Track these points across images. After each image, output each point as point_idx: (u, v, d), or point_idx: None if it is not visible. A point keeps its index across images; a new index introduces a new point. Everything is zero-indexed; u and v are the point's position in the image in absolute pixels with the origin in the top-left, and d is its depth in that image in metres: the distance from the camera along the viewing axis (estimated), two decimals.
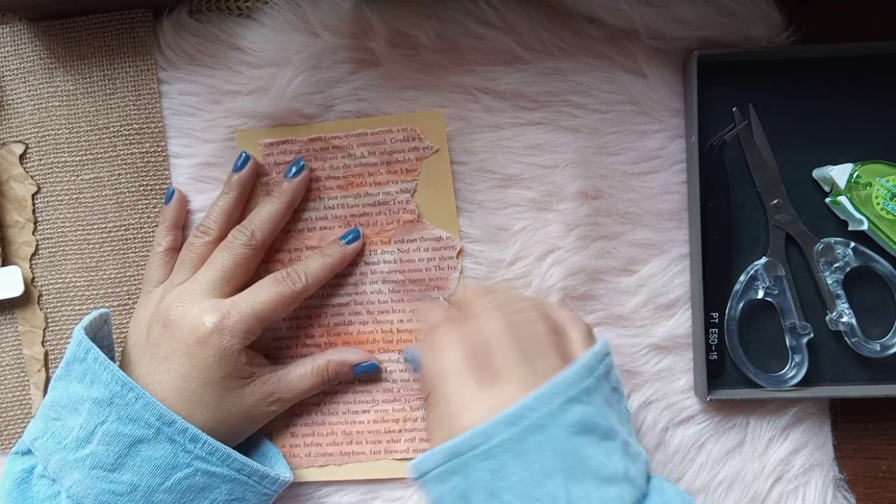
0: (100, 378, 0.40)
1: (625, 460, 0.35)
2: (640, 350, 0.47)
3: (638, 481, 0.35)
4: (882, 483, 0.47)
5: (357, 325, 0.48)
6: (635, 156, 0.47)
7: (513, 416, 0.34)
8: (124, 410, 0.39)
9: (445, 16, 0.46)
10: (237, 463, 0.41)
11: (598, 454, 0.34)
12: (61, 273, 0.48)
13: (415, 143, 0.47)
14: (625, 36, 0.46)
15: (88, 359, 0.41)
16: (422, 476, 0.36)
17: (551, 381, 0.35)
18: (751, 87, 0.46)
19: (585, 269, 0.46)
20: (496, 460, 0.34)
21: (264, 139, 0.47)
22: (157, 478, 0.39)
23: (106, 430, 0.39)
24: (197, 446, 0.40)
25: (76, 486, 0.39)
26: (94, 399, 0.40)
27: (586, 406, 0.35)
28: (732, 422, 0.47)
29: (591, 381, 0.36)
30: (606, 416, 0.36)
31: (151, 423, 0.39)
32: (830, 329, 0.45)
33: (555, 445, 0.34)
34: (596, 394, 0.36)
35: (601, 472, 0.34)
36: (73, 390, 0.41)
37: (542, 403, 0.34)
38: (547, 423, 0.34)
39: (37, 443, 0.41)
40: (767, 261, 0.46)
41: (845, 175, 0.44)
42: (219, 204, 0.46)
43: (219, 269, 0.44)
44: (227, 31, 0.47)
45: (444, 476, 0.35)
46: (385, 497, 0.47)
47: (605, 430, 0.35)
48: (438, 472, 0.35)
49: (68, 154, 0.48)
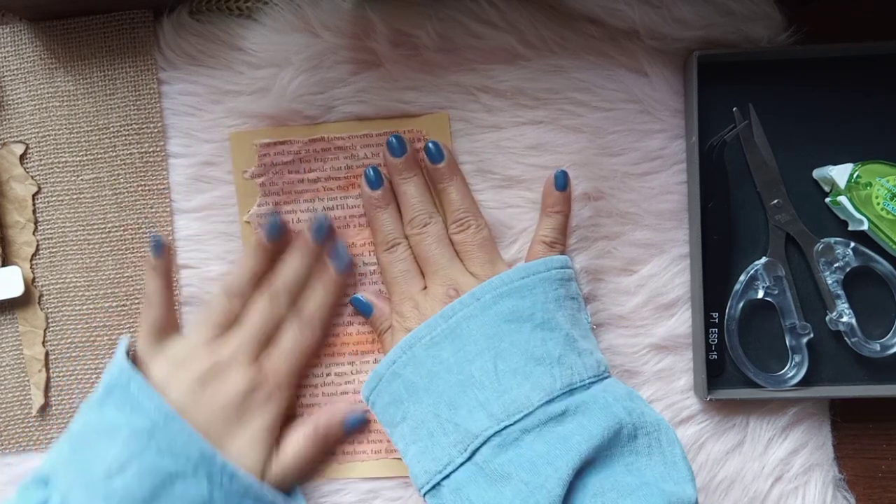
0: (142, 407, 0.40)
1: (562, 348, 0.39)
2: (640, 350, 0.47)
3: (577, 368, 0.39)
4: (882, 483, 0.47)
5: (356, 325, 0.48)
6: (637, 156, 0.47)
7: (449, 310, 0.41)
8: (165, 442, 0.39)
9: (446, 15, 0.46)
10: (267, 498, 0.41)
11: (532, 338, 0.39)
12: (62, 273, 0.48)
13: (419, 144, 0.47)
14: (625, 36, 0.46)
15: (131, 387, 0.40)
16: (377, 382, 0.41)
17: (486, 281, 0.41)
18: (751, 87, 0.46)
19: (586, 269, 0.46)
20: (437, 347, 0.40)
21: (260, 140, 0.47)
22: None
23: (142, 462, 0.38)
24: (233, 483, 0.40)
25: None
26: (133, 429, 0.39)
27: (520, 300, 0.40)
28: (732, 422, 0.47)
29: (531, 280, 0.41)
30: (548, 311, 0.40)
31: (191, 458, 0.39)
32: (830, 329, 0.46)
33: (484, 330, 0.40)
34: (536, 291, 0.41)
35: (532, 352, 0.39)
36: (109, 417, 0.40)
37: (474, 298, 0.41)
38: (477, 313, 0.40)
39: (59, 471, 0.40)
40: (767, 261, 0.46)
41: (845, 175, 0.44)
42: (249, 266, 0.46)
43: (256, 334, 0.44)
44: (228, 31, 0.47)
45: (397, 371, 0.41)
46: (385, 497, 0.47)
47: (543, 320, 0.40)
48: (393, 370, 0.41)
49: (68, 154, 0.48)
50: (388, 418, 0.42)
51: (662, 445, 0.39)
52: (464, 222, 0.44)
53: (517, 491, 0.36)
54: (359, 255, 0.47)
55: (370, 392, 0.43)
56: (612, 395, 0.39)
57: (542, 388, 0.38)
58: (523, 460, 0.37)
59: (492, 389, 0.38)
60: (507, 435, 0.37)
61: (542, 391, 0.38)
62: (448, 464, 0.39)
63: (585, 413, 0.38)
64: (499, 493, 0.36)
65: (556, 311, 0.41)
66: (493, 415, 0.38)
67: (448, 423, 0.39)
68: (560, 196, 0.45)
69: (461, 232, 0.44)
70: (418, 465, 0.40)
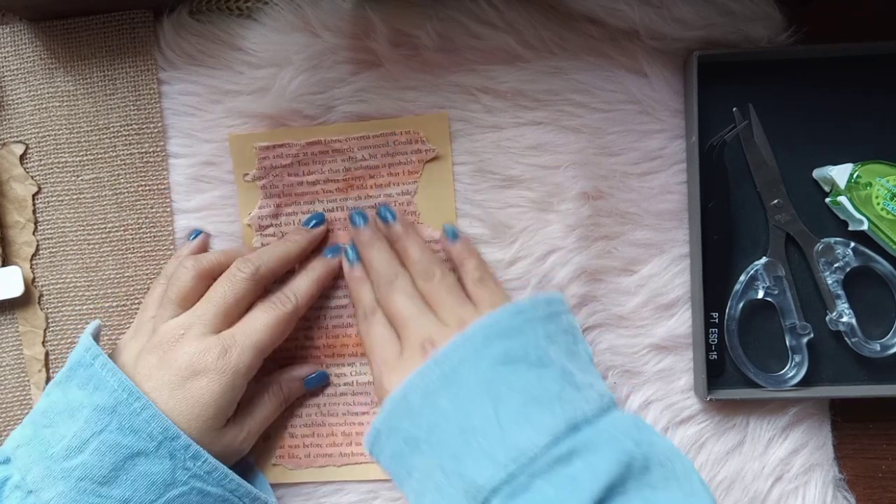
0: (105, 385, 0.39)
1: (559, 384, 0.38)
2: (640, 350, 0.47)
3: (577, 403, 0.38)
4: (882, 483, 0.47)
5: (355, 327, 0.48)
6: (636, 156, 0.47)
7: (442, 355, 0.39)
8: (127, 420, 0.38)
9: (446, 16, 0.46)
10: (233, 483, 0.41)
11: (528, 378, 0.38)
12: (62, 273, 0.48)
13: (417, 145, 0.47)
14: (625, 36, 0.46)
15: (96, 365, 0.40)
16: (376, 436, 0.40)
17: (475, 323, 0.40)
18: (751, 87, 0.46)
19: (586, 269, 0.46)
20: (433, 396, 0.38)
21: (259, 142, 0.47)
22: (150, 494, 0.38)
23: (103, 440, 0.38)
24: (197, 464, 0.39)
25: (58, 498, 0.37)
26: (95, 406, 0.38)
27: (512, 341, 0.39)
28: (732, 422, 0.47)
29: (519, 321, 0.40)
30: (540, 348, 0.39)
31: (154, 436, 0.38)
32: (830, 329, 0.46)
33: (479, 375, 0.38)
34: (526, 331, 0.40)
35: (529, 392, 0.38)
36: (71, 396, 0.39)
37: (465, 340, 0.39)
38: (470, 356, 0.39)
39: (19, 451, 0.39)
40: (767, 261, 0.46)
41: (845, 175, 0.44)
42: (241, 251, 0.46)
43: (219, 301, 0.42)
44: (228, 31, 0.47)
45: (395, 425, 0.39)
46: (385, 497, 0.47)
47: (537, 359, 0.39)
48: (390, 424, 0.39)
49: (68, 154, 0.48)
50: (395, 472, 0.41)
51: (678, 475, 0.37)
52: (428, 271, 0.44)
53: None
54: None
55: (371, 447, 0.41)
56: (618, 428, 0.37)
57: (544, 428, 0.36)
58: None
59: (494, 437, 0.36)
60: (516, 483, 0.35)
61: (545, 432, 0.36)
62: None
63: (592, 450, 0.36)
64: None
65: (548, 346, 0.40)
66: (499, 462, 0.36)
67: (454, 475, 0.37)
68: (460, 246, 0.45)
69: (428, 282, 0.44)
70: None
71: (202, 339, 0.41)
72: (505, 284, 0.47)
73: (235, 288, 0.43)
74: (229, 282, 0.43)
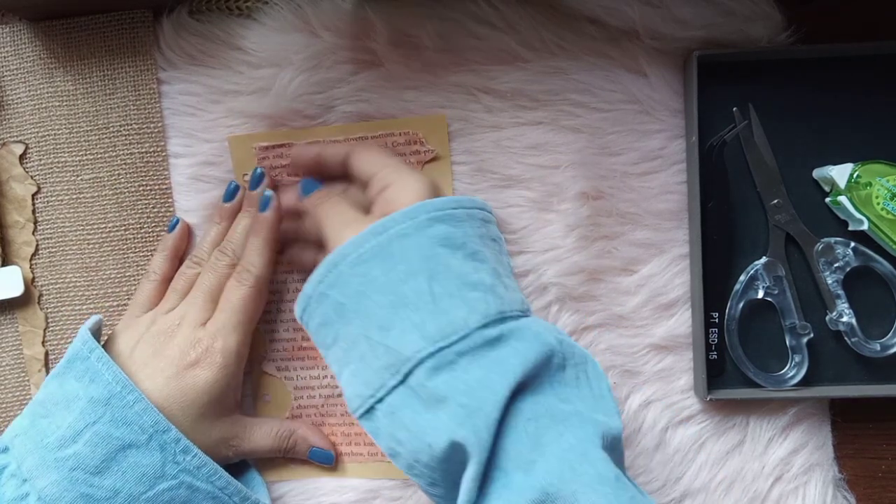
0: (100, 377, 0.40)
1: (493, 279, 0.39)
2: (640, 350, 0.47)
3: (507, 299, 0.38)
4: (882, 483, 0.47)
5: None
6: (636, 156, 0.47)
7: (380, 226, 0.38)
8: (120, 412, 0.39)
9: (446, 16, 0.46)
10: (222, 481, 0.41)
11: (464, 265, 0.38)
12: (61, 273, 0.48)
13: (416, 146, 0.47)
14: (625, 36, 0.46)
15: (92, 357, 0.40)
16: (306, 303, 0.40)
17: (418, 203, 0.39)
18: (751, 87, 0.46)
19: (586, 269, 0.46)
20: (365, 266, 0.38)
21: (259, 143, 0.47)
22: (140, 486, 0.39)
23: (96, 431, 0.39)
24: (186, 459, 0.40)
25: (51, 487, 0.38)
26: (90, 398, 0.39)
27: (453, 228, 0.39)
28: (732, 422, 0.47)
29: (461, 213, 0.40)
30: (477, 244, 0.40)
31: (145, 429, 0.39)
32: (830, 329, 0.45)
33: (419, 251, 0.38)
34: (465, 224, 0.40)
35: (466, 277, 0.38)
36: (68, 388, 0.40)
37: (406, 217, 0.39)
38: (411, 232, 0.38)
39: (16, 440, 0.40)
40: (767, 261, 0.46)
41: (845, 175, 0.44)
42: (211, 234, 0.47)
43: (204, 291, 0.44)
44: (228, 31, 0.47)
45: (324, 292, 0.39)
46: (385, 497, 0.47)
47: (474, 251, 0.39)
48: (320, 291, 0.39)
49: (68, 154, 0.48)
50: (321, 340, 0.40)
51: (590, 378, 0.38)
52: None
53: (453, 414, 0.35)
54: None
55: (301, 313, 0.41)
56: (541, 325, 0.38)
57: (477, 311, 0.37)
58: (459, 383, 0.35)
59: (427, 311, 0.37)
60: (442, 357, 0.36)
61: (478, 314, 0.37)
62: (380, 387, 0.37)
63: (519, 338, 0.37)
64: (434, 417, 0.35)
65: (482, 246, 0.40)
66: (428, 336, 0.36)
67: (379, 346, 0.37)
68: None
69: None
70: (351, 389, 0.39)
71: (194, 329, 0.43)
72: None
73: (219, 275, 0.45)
74: (212, 270, 0.45)
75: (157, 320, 0.44)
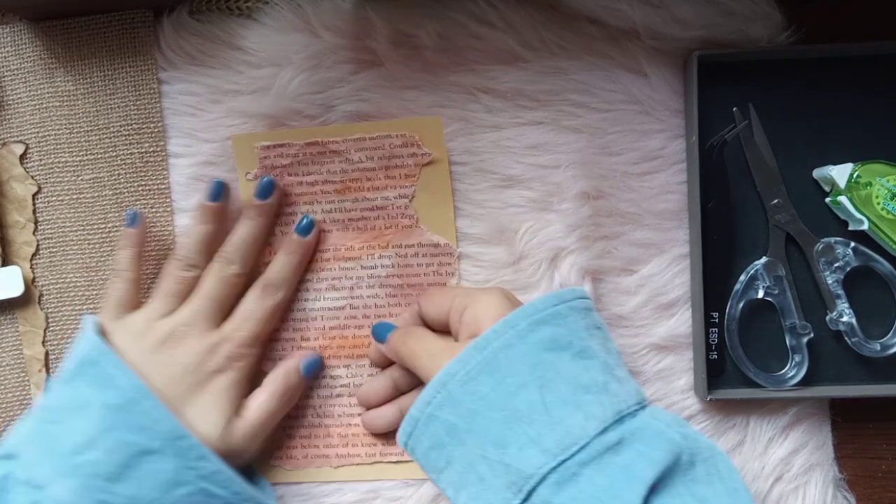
0: (115, 383, 0.39)
1: (605, 376, 0.37)
2: (640, 350, 0.47)
3: (622, 396, 0.37)
4: (882, 483, 0.47)
5: (353, 328, 0.48)
6: (636, 156, 0.47)
7: (482, 340, 0.37)
8: (137, 418, 0.39)
9: (446, 16, 0.46)
10: (237, 485, 0.41)
11: (574, 367, 0.37)
12: (62, 273, 0.48)
13: (413, 148, 0.47)
14: (625, 36, 0.46)
15: (102, 362, 0.40)
16: (413, 427, 0.38)
17: (516, 310, 0.38)
18: (751, 87, 0.46)
19: (586, 269, 0.46)
20: (474, 383, 0.37)
21: (261, 142, 0.47)
22: (157, 492, 0.38)
23: (112, 437, 0.38)
24: (202, 464, 0.39)
25: (66, 494, 0.38)
26: (105, 404, 0.39)
27: (557, 328, 0.38)
28: (732, 422, 0.47)
29: (563, 308, 0.38)
30: (584, 339, 0.38)
31: (162, 435, 0.39)
32: (830, 329, 0.46)
33: (526, 360, 0.36)
34: (569, 319, 0.38)
35: (577, 380, 0.36)
36: (80, 393, 0.40)
37: (508, 327, 0.37)
38: (515, 342, 0.37)
39: (24, 446, 0.39)
40: (767, 261, 0.46)
41: (845, 175, 0.44)
42: (198, 233, 0.45)
43: (213, 298, 0.44)
44: (228, 31, 0.47)
45: (433, 413, 0.37)
46: (385, 497, 0.47)
47: (582, 349, 0.37)
48: (428, 413, 0.38)
49: (68, 154, 0.48)
50: (432, 464, 0.39)
51: (721, 473, 0.36)
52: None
53: None
54: (356, 258, 0.47)
55: (407, 438, 0.39)
56: (662, 421, 0.37)
57: (594, 417, 0.35)
58: (586, 496, 0.33)
59: (542, 423, 0.35)
60: (565, 471, 0.34)
61: (595, 420, 0.35)
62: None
63: (642, 440, 0.35)
64: None
65: (589, 339, 0.38)
66: (548, 450, 0.34)
67: (498, 465, 0.35)
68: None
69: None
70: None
71: (206, 335, 0.43)
72: (506, 285, 0.47)
73: (226, 283, 0.44)
74: (219, 278, 0.44)
75: (153, 326, 0.43)
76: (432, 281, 0.47)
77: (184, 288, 0.45)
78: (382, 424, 0.46)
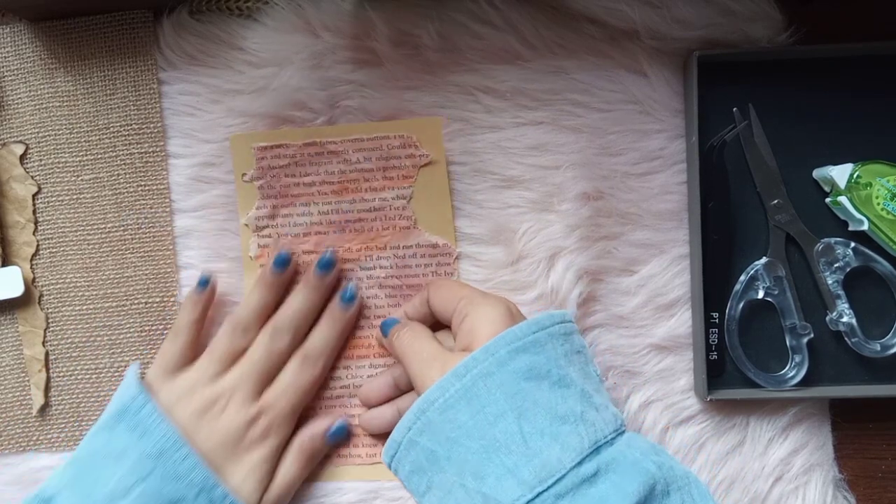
0: (152, 432, 0.40)
1: (582, 405, 0.37)
2: (640, 350, 0.47)
3: (598, 425, 0.37)
4: (882, 483, 0.47)
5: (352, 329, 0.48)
6: (636, 156, 0.47)
7: (462, 367, 0.37)
8: (171, 468, 0.39)
9: (446, 16, 0.46)
10: None
11: (552, 397, 0.37)
12: (62, 273, 0.48)
13: (411, 150, 0.47)
14: (625, 36, 0.46)
15: (143, 412, 0.41)
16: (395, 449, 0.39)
17: (496, 336, 0.38)
18: (751, 87, 0.46)
19: (586, 269, 0.46)
20: (452, 411, 0.37)
21: (258, 143, 0.47)
22: None
23: (146, 487, 0.39)
24: None
25: None
26: (142, 453, 0.40)
27: (535, 356, 0.38)
28: (732, 422, 0.47)
29: (542, 336, 0.39)
30: (562, 367, 0.38)
31: (195, 484, 0.40)
32: (830, 329, 0.45)
33: (504, 390, 0.37)
34: (548, 347, 0.38)
35: (554, 410, 0.36)
36: (118, 441, 0.41)
37: (487, 354, 0.37)
38: (494, 370, 0.37)
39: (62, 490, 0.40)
40: (767, 261, 0.46)
41: (845, 175, 0.44)
42: (257, 300, 0.46)
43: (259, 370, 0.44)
44: (228, 31, 0.47)
45: (413, 439, 0.38)
46: (385, 497, 0.47)
47: (560, 377, 0.38)
48: (409, 438, 0.38)
49: (68, 154, 0.48)
50: (414, 487, 0.39)
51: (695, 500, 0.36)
52: None
53: None
54: (355, 259, 0.47)
55: (390, 460, 0.40)
56: (638, 450, 0.37)
57: (571, 448, 0.35)
58: None
59: (519, 454, 0.35)
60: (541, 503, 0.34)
61: (572, 451, 0.35)
62: None
63: (617, 471, 0.35)
64: None
65: (567, 366, 0.39)
66: (525, 482, 0.35)
67: (476, 494, 0.36)
68: None
69: None
70: None
71: (247, 405, 0.44)
72: (505, 285, 0.47)
73: (274, 355, 0.45)
74: (268, 350, 0.45)
75: (197, 389, 0.44)
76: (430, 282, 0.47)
77: (234, 353, 0.45)
78: (380, 425, 0.46)
